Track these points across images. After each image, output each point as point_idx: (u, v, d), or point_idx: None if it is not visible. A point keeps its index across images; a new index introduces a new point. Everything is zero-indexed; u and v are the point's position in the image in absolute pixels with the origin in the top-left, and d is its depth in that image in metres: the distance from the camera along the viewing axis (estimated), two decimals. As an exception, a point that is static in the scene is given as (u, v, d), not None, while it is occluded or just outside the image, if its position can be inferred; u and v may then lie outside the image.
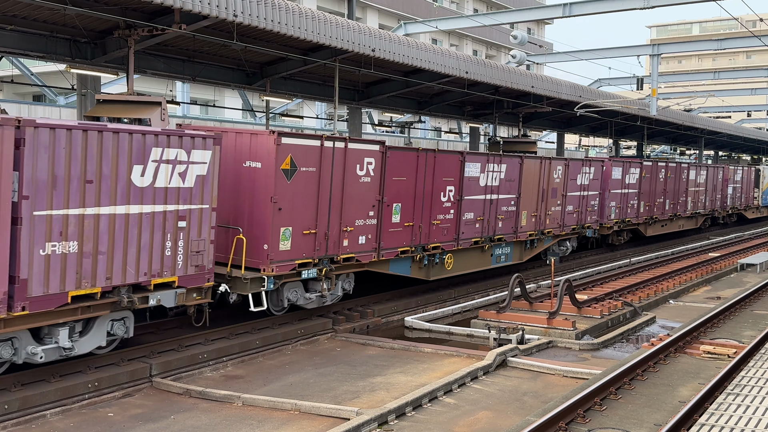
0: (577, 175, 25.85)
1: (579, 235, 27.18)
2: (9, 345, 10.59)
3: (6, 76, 24.68)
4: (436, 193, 18.85)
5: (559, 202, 24.80)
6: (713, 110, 57.73)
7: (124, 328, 12.12)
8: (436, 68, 19.82)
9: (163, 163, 11.99)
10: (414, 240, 18.23)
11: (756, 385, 10.56)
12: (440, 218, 19.12)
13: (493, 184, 21.24)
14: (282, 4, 14.75)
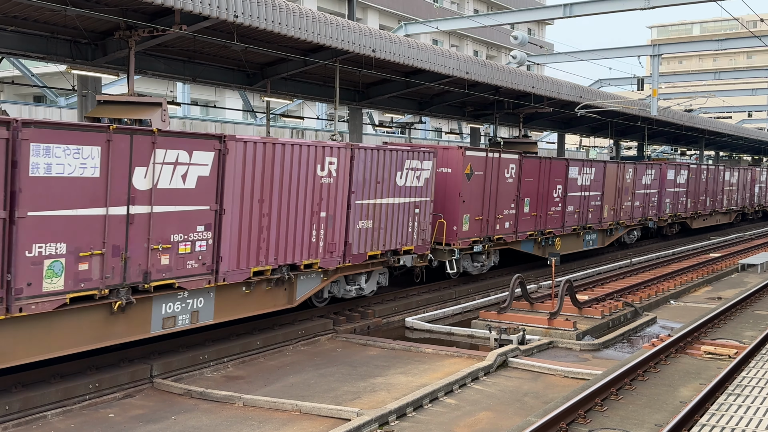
0: (642, 176, 31.40)
1: (642, 226, 32.63)
2: (336, 285, 16.53)
3: (7, 77, 24.69)
4: (550, 190, 24.29)
5: (629, 199, 30.34)
6: (714, 111, 57.74)
7: (385, 279, 18.00)
8: (436, 69, 19.83)
9: (410, 170, 17.77)
10: (536, 226, 23.79)
11: (757, 386, 10.55)
12: (552, 210, 24.60)
13: (586, 184, 26.70)
14: (282, 4, 14.76)
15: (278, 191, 13.98)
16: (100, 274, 10.93)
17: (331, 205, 15.33)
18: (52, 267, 10.31)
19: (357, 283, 16.97)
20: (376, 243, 16.75)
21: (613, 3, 25.03)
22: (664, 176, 33.99)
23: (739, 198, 45.30)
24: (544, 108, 27.52)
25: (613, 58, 35.70)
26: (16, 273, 9.87)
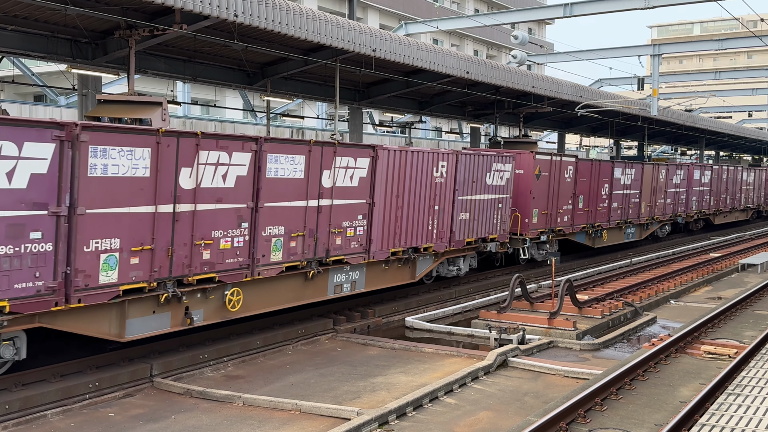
0: (673, 176, 34.87)
1: (673, 221, 36.17)
2: (441, 266, 20.11)
3: (7, 77, 24.69)
4: (599, 189, 27.78)
5: (662, 197, 33.88)
6: (714, 110, 57.75)
7: (475, 262, 21.52)
8: (436, 68, 19.83)
9: (495, 172, 21.25)
10: (588, 220, 27.27)
11: (757, 386, 10.55)
12: (601, 206, 28.09)
13: (627, 183, 30.12)
14: (283, 4, 14.76)
15: (408, 189, 17.76)
16: (302, 250, 14.81)
17: (441, 200, 19.03)
18: (276, 244, 14.22)
19: (456, 264, 20.74)
20: (471, 231, 20.54)
21: (613, 3, 25.02)
22: (691, 176, 37.48)
23: (755, 196, 48.75)
24: (544, 107, 27.51)
25: (613, 58, 35.70)
26: (257, 248, 13.78)
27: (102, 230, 11.02)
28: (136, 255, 11.62)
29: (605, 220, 28.57)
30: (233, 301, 13.50)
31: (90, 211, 10.84)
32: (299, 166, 14.49)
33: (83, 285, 10.83)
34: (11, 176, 9.93)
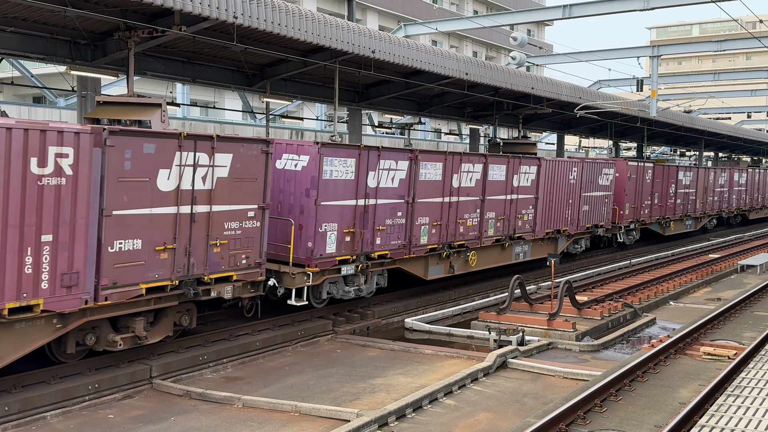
0: (719, 178, 42.15)
1: (718, 216, 43.37)
2: (570, 244, 25.40)
3: (6, 78, 24.69)
4: (668, 188, 34.86)
5: (711, 195, 41.07)
6: (713, 111, 57.76)
7: (589, 243, 27.99)
8: (436, 70, 19.83)
9: (604, 174, 27.49)
10: (660, 213, 34.09)
11: (756, 387, 10.56)
12: (669, 202, 35.06)
13: (687, 183, 37.49)
14: (282, 5, 14.76)
15: (555, 188, 24.40)
16: (502, 229, 21.86)
17: (573, 196, 25.42)
18: (490, 224, 21.32)
19: (579, 243, 27.30)
20: (589, 219, 26.75)
21: (612, 4, 25.04)
22: (732, 178, 44.35)
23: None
24: (543, 109, 27.52)
25: (612, 59, 35.75)
26: (481, 226, 20.96)
27: (422, 211, 18.47)
28: (434, 227, 19.03)
29: (672, 214, 35.86)
30: (472, 259, 20.71)
31: (418, 201, 18.24)
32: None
33: (415, 244, 18.22)
34: (393, 181, 17.42)
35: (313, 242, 15.21)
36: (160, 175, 11.99)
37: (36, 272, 10.32)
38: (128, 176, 11.52)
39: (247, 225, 13.55)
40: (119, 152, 11.37)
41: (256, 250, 13.77)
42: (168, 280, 12.22)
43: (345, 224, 15.98)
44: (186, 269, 12.50)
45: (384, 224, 17.15)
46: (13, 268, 10.07)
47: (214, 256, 13.00)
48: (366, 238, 16.57)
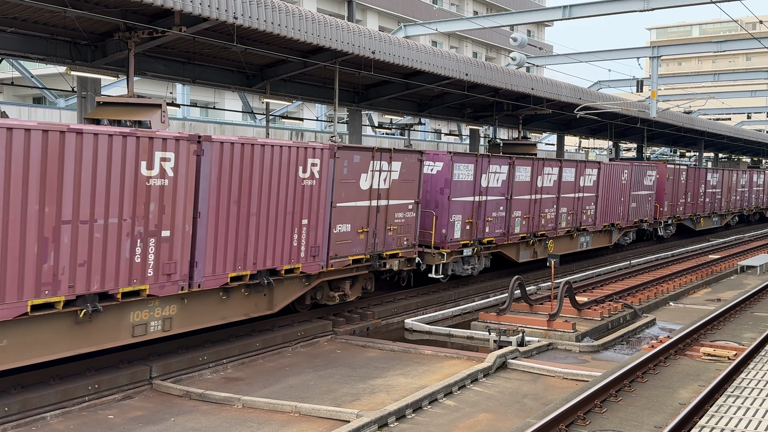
0: (740, 179, 46.04)
1: (740, 214, 47.04)
2: (621, 237, 29.66)
3: (6, 79, 24.70)
4: (698, 188, 38.63)
5: (734, 194, 45.08)
6: (713, 112, 57.77)
7: (635, 236, 32.09)
8: (436, 70, 19.84)
9: (648, 176, 31.43)
10: (692, 210, 38.04)
11: (756, 387, 10.56)
12: (699, 200, 38.91)
13: (714, 184, 41.28)
14: (282, 6, 14.76)
15: (611, 187, 28.26)
16: (572, 221, 25.99)
17: (624, 195, 29.57)
18: (563, 218, 25.05)
19: (628, 236, 31.52)
20: (636, 215, 31.03)
21: (612, 4, 25.04)
22: (751, 179, 48.37)
23: None
24: (543, 109, 27.53)
25: (612, 60, 35.75)
26: (557, 219, 24.87)
27: (517, 207, 22.51)
28: (524, 219, 23.00)
29: (701, 211, 39.50)
30: (550, 246, 24.56)
31: (514, 198, 22.34)
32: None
33: (511, 232, 22.39)
34: (498, 181, 21.28)
35: (446, 230, 19.47)
36: (361, 177, 16.19)
37: (298, 246, 14.59)
38: (345, 179, 15.69)
39: (408, 215, 17.89)
40: (341, 162, 15.51)
41: (412, 234, 18.11)
42: (363, 254, 16.47)
43: (466, 216, 20.32)
44: (373, 247, 16.76)
45: (491, 216, 21.47)
46: (287, 242, 14.29)
47: (389, 238, 17.31)
48: (479, 227, 20.97)
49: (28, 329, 10.45)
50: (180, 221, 12.10)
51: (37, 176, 10.19)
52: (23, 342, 10.43)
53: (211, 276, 12.82)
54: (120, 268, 11.26)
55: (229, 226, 13.02)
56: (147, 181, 11.57)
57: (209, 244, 12.70)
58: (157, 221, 11.75)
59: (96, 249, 10.94)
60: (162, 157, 11.73)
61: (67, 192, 10.55)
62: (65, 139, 10.50)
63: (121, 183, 11.21)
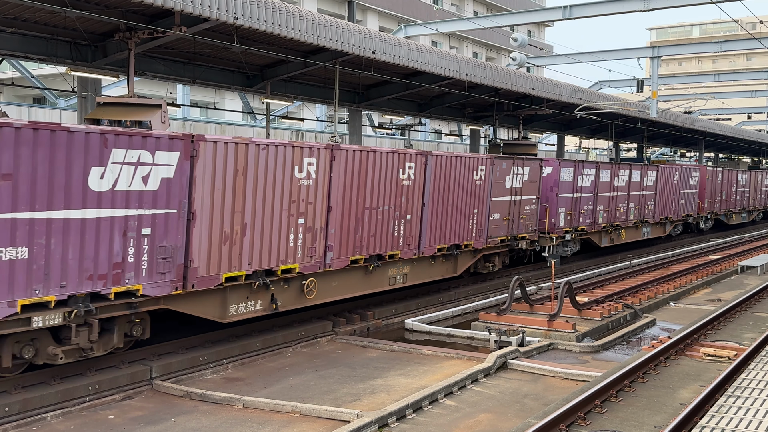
0: (765, 179, 51.16)
1: (764, 210, 53.07)
2: (671, 229, 35.87)
3: (6, 79, 24.69)
4: (731, 187, 43.77)
5: (760, 193, 50.35)
6: (713, 112, 57.78)
7: (681, 228, 38.40)
8: (436, 70, 19.84)
9: (692, 177, 37.41)
10: (726, 207, 42.93)
11: (757, 387, 10.55)
12: (732, 198, 43.82)
13: (743, 183, 46.10)
14: (282, 6, 14.76)
15: (666, 186, 33.80)
16: (637, 215, 31.23)
17: (676, 192, 34.99)
18: (632, 212, 30.48)
19: (678, 228, 36.13)
20: (684, 210, 36.48)
21: (612, 5, 25.04)
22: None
23: None
24: (543, 110, 27.52)
25: (612, 60, 35.73)
26: (614, 215, 29.11)
27: (600, 202, 27.94)
28: (605, 212, 28.30)
29: (733, 207, 44.50)
30: (623, 235, 29.63)
31: (599, 194, 27.87)
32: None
33: (595, 223, 27.70)
34: (588, 181, 26.23)
35: (555, 219, 24.98)
36: (506, 179, 21.85)
37: (472, 228, 20.40)
38: (497, 180, 21.33)
39: (532, 207, 23.52)
40: (495, 167, 21.19)
41: (534, 222, 23.70)
42: (506, 236, 22.08)
43: (567, 209, 25.63)
44: (510, 231, 22.26)
45: (583, 209, 26.66)
46: (467, 226, 20.15)
47: (521, 224, 22.89)
48: (576, 217, 26.17)
49: (346, 276, 16.26)
50: (416, 210, 17.95)
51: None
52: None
53: (428, 247, 18.64)
54: (389, 240, 17.18)
55: (440, 214, 18.91)
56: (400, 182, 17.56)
57: (431, 226, 18.66)
58: (404, 209, 17.56)
59: (380, 228, 16.84)
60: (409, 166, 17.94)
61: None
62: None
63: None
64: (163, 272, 11.96)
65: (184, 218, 12.23)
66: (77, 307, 10.83)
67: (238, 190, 13.27)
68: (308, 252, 14.97)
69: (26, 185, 10.11)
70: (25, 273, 10.14)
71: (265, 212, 13.82)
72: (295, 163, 14.38)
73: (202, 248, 12.63)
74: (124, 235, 11.35)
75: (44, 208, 10.33)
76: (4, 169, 9.90)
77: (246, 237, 13.48)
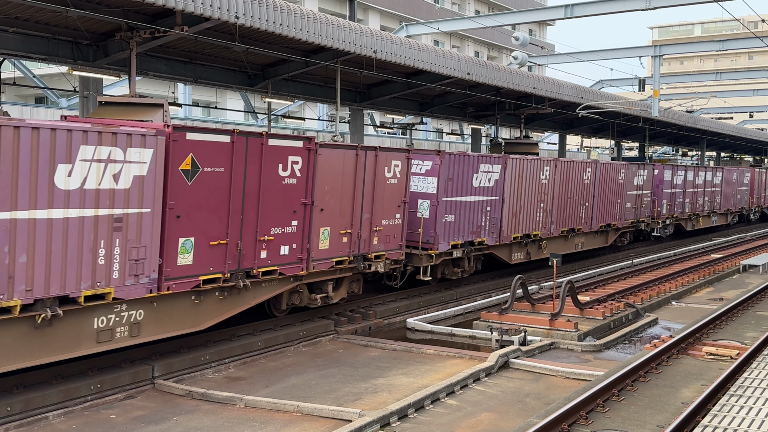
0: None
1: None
2: (722, 219, 43.65)
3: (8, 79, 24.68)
4: (762, 187, 49.16)
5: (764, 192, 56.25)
6: (715, 111, 57.73)
7: (737, 219, 47.93)
8: (437, 69, 19.83)
9: (745, 177, 46.09)
10: (756, 204, 47.97)
11: (759, 386, 10.54)
12: (763, 196, 49.69)
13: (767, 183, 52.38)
14: (284, 5, 14.76)
15: (728, 185, 42.20)
16: (709, 207, 40.05)
17: (735, 189, 43.18)
18: (707, 204, 39.71)
19: (734, 218, 42.30)
20: (740, 204, 44.18)
21: (614, 3, 25.03)
22: None
23: None
24: (545, 109, 27.51)
25: (614, 59, 35.73)
26: (693, 207, 38.48)
27: (686, 196, 37.30)
28: (689, 203, 37.00)
29: (759, 205, 49.44)
30: (700, 222, 37.46)
31: (687, 190, 36.89)
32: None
33: (684, 212, 36.61)
34: (679, 180, 35.54)
35: (660, 208, 33.58)
36: (634, 178, 28.85)
37: (616, 212, 28.55)
38: (628, 179, 28.61)
39: (647, 200, 31.43)
40: (629, 170, 29.32)
41: (648, 210, 32.05)
42: (633, 219, 30.31)
43: (668, 201, 34.55)
44: (635, 216, 30.54)
45: (676, 202, 34.77)
46: (613, 211, 28.17)
47: (642, 211, 31.55)
48: (673, 208, 34.46)
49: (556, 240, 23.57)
50: (590, 200, 23.19)
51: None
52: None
53: (595, 224, 26.53)
54: (575, 219, 24.87)
55: (601, 202, 26.30)
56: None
57: (596, 210, 26.69)
58: (585, 199, 24.48)
59: (572, 211, 23.93)
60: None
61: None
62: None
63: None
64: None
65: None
66: None
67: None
68: (543, 224, 23.89)
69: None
70: None
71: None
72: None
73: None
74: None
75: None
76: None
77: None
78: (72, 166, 10.46)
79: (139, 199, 11.34)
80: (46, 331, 10.49)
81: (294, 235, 14.32)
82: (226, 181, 12.75)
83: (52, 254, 10.31)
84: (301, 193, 14.36)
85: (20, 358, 10.24)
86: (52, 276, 10.33)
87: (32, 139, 9.98)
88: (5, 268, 9.84)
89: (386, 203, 16.94)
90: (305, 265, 14.65)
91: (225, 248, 12.85)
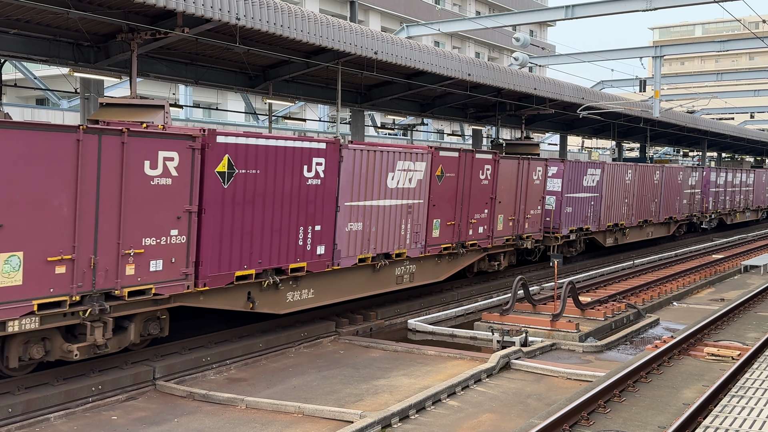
0: None
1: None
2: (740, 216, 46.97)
3: (9, 80, 24.72)
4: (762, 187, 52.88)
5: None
6: (716, 112, 57.71)
7: (757, 215, 51.48)
8: (438, 71, 19.84)
9: (766, 176, 52.10)
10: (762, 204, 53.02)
11: (760, 387, 10.54)
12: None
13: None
14: (284, 7, 14.77)
15: (760, 184, 48.70)
16: (744, 204, 46.16)
17: (765, 189, 48.91)
18: (742, 201, 45.74)
19: (765, 214, 49.87)
20: (757, 202, 48.03)
21: (614, 4, 25.03)
22: None
23: None
24: (546, 109, 27.51)
25: (615, 60, 35.75)
26: (732, 204, 44.10)
27: (726, 194, 42.92)
28: (729, 200, 43.08)
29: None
30: (737, 216, 43.96)
31: (727, 189, 42.96)
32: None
33: (725, 207, 42.47)
34: (721, 180, 41.47)
35: (707, 205, 37.82)
36: (688, 179, 32.95)
37: (676, 207, 34.31)
38: (685, 179, 32.89)
39: (697, 198, 35.17)
40: (685, 173, 34.84)
41: (699, 206, 35.91)
42: (688, 213, 34.49)
43: (713, 198, 39.11)
44: (690, 210, 34.47)
45: (720, 199, 39.97)
46: (674, 207, 33.95)
47: (694, 206, 36.56)
48: (716, 204, 39.39)
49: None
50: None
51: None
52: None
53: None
54: (648, 213, 30.13)
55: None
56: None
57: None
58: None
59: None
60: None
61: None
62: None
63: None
64: None
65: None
66: None
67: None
68: (627, 216, 28.34)
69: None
70: None
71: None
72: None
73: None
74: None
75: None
76: None
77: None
78: (393, 174, 16.79)
79: (418, 193, 17.66)
80: (376, 274, 16.87)
81: (485, 219, 20.41)
82: (457, 181, 19.21)
83: (384, 227, 16.63)
84: (490, 191, 20.40)
85: (367, 288, 16.65)
86: (384, 241, 16.68)
87: (375, 157, 16.17)
88: (367, 235, 16.18)
89: (532, 198, 22.75)
90: (490, 241, 20.69)
91: (454, 228, 19.14)
